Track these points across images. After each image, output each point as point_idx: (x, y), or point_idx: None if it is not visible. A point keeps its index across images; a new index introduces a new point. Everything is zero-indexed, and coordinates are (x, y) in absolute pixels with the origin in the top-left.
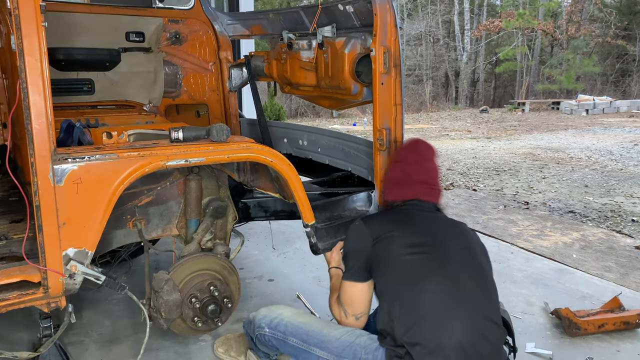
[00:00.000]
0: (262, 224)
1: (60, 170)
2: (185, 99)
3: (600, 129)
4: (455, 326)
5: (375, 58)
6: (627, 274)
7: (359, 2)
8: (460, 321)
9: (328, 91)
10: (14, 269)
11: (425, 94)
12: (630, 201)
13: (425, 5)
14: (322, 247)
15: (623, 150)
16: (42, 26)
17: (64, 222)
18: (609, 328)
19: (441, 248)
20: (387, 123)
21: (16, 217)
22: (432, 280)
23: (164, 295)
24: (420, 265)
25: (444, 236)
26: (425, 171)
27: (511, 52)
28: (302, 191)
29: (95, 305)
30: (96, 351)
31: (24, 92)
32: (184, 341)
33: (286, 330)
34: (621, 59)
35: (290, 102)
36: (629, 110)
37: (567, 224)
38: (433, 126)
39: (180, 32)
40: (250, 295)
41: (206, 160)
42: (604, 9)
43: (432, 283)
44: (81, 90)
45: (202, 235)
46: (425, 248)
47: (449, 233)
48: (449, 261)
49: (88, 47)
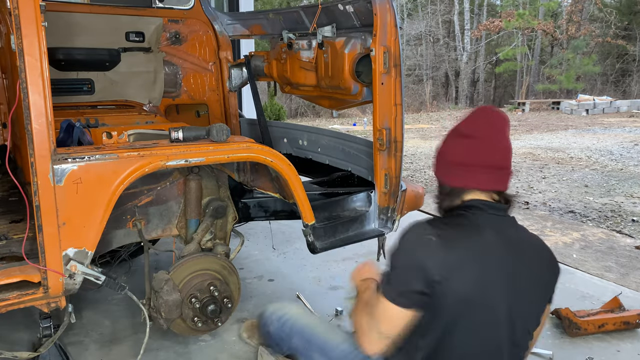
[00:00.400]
0: (262, 224)
1: (60, 170)
2: (185, 99)
3: (600, 129)
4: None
5: (375, 58)
6: (627, 274)
7: (359, 2)
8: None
9: (328, 91)
10: (14, 269)
11: (425, 94)
12: (630, 201)
13: (425, 5)
14: (320, 246)
15: (623, 150)
16: (42, 26)
17: (64, 222)
18: (609, 328)
19: (514, 311)
20: (387, 123)
21: (16, 217)
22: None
23: (164, 295)
24: (489, 343)
25: (521, 282)
26: (499, 152)
27: (511, 52)
28: (302, 191)
29: (95, 305)
30: (96, 351)
31: (24, 92)
32: (184, 341)
33: (291, 330)
34: (621, 58)
35: (290, 102)
36: (629, 110)
37: (567, 223)
38: (433, 126)
39: (180, 32)
40: (250, 295)
41: (206, 160)
42: (604, 9)
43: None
44: (81, 90)
45: (202, 235)
46: (499, 315)
47: (527, 274)
48: (514, 332)
49: (88, 47)
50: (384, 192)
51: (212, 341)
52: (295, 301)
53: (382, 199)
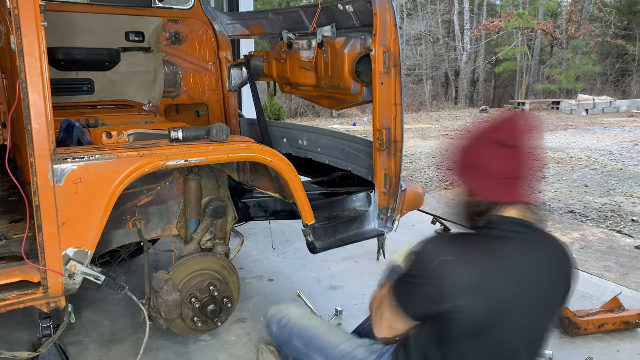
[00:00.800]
0: (262, 224)
1: (60, 170)
2: (185, 99)
3: (600, 129)
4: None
5: (375, 58)
6: (627, 274)
7: (359, 2)
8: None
9: (328, 91)
10: (14, 269)
11: (425, 94)
12: (630, 201)
13: (425, 5)
14: (319, 246)
15: (623, 150)
16: (42, 26)
17: (64, 222)
18: (609, 328)
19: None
20: (387, 123)
21: (16, 217)
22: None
23: (164, 296)
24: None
25: (539, 302)
26: (534, 162)
27: (511, 52)
28: (302, 191)
29: (95, 305)
30: (96, 351)
31: (24, 92)
32: (184, 341)
33: (292, 332)
34: (621, 58)
35: (290, 102)
36: (629, 110)
37: (567, 223)
38: (433, 126)
39: (180, 32)
40: (250, 295)
41: (206, 160)
42: (604, 9)
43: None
44: (81, 90)
45: (202, 235)
46: (514, 338)
47: (548, 293)
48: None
49: (88, 47)
50: (384, 192)
51: (212, 341)
52: (296, 300)
53: (382, 199)
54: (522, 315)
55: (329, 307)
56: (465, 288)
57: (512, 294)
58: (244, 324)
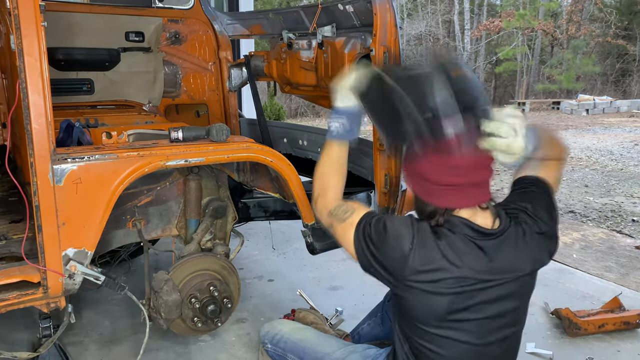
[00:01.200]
0: (262, 224)
1: (59, 171)
2: (185, 99)
3: (600, 129)
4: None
5: (375, 58)
6: (627, 274)
7: (359, 2)
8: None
9: (328, 91)
10: (14, 269)
11: None
12: (630, 201)
13: (425, 5)
14: (319, 247)
15: (623, 150)
16: (41, 26)
17: (64, 222)
18: (609, 328)
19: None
20: None
21: (16, 217)
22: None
23: (164, 296)
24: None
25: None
26: (479, 167)
27: (511, 52)
28: (302, 191)
29: (95, 305)
30: (96, 351)
31: (24, 92)
32: (184, 341)
33: (285, 346)
34: (621, 58)
35: (290, 102)
36: (629, 110)
37: (567, 224)
38: None
39: (180, 32)
40: (250, 295)
41: (206, 160)
42: (604, 9)
43: None
44: (81, 90)
45: (201, 235)
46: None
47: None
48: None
49: (88, 47)
50: (384, 192)
51: (212, 341)
52: (296, 300)
53: (382, 199)
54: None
55: (328, 307)
56: (420, 269)
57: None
58: (243, 324)
